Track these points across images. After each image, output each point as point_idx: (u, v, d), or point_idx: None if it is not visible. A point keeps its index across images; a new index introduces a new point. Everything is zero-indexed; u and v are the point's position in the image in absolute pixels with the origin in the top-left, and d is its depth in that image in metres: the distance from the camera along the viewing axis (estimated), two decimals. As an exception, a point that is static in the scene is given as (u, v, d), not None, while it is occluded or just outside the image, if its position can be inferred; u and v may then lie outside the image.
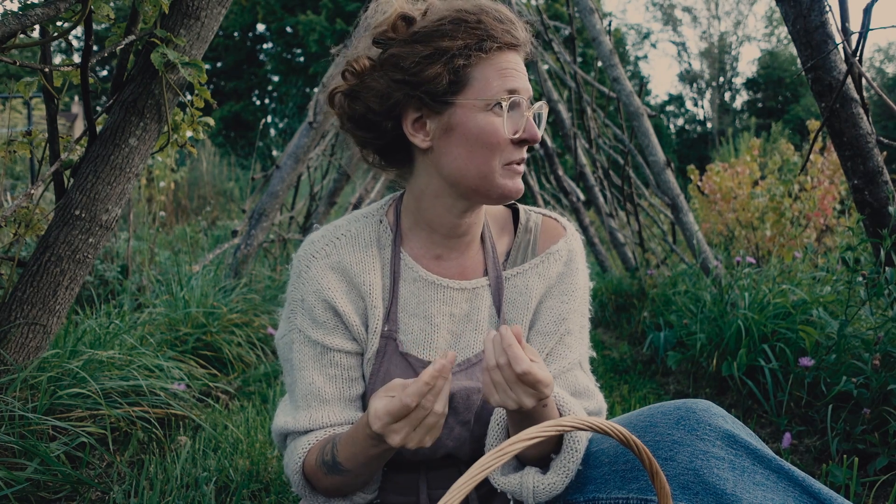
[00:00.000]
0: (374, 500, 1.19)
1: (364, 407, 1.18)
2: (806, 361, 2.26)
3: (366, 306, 1.16)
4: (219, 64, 24.60)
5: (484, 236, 1.23)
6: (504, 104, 1.06)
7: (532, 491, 1.05)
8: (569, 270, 1.22)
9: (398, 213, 1.22)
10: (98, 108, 2.10)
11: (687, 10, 38.50)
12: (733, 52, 33.17)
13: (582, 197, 5.86)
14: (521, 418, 1.01)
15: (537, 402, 0.94)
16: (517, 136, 1.07)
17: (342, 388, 1.15)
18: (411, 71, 1.06)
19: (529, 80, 1.15)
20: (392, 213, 1.22)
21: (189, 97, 2.12)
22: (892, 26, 1.91)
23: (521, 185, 1.12)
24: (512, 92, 1.07)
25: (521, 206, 1.29)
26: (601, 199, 5.72)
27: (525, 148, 1.10)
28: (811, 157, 5.14)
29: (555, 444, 1.08)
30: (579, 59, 5.21)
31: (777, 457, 0.95)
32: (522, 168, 1.11)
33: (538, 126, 1.11)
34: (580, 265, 1.23)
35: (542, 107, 1.12)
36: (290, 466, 1.14)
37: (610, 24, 4.81)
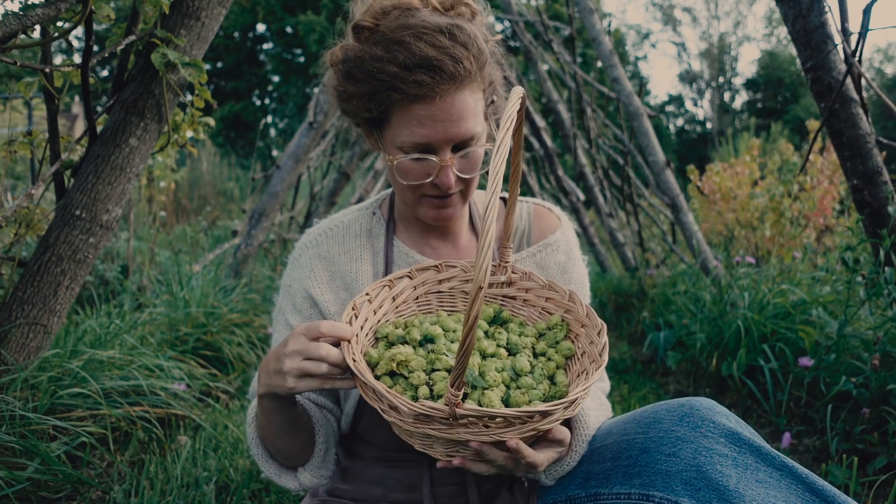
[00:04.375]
0: (325, 486, 1.22)
1: (324, 395, 1.22)
2: (805, 361, 2.26)
3: (351, 294, 1.21)
4: (219, 64, 24.58)
5: (474, 224, 1.27)
6: (408, 157, 1.05)
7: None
8: (570, 260, 1.27)
9: (392, 204, 1.27)
10: (98, 109, 2.10)
11: (687, 10, 38.51)
12: (733, 53, 33.16)
13: (582, 197, 5.86)
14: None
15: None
16: (427, 181, 1.07)
17: None
18: (340, 99, 1.09)
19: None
20: (386, 205, 1.28)
21: (189, 97, 2.12)
22: (892, 26, 1.92)
23: (447, 214, 1.13)
24: (419, 146, 1.03)
25: None
26: (601, 200, 5.72)
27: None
28: (811, 157, 5.14)
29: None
30: (579, 60, 5.21)
31: (781, 454, 0.95)
32: (446, 201, 1.11)
33: (470, 160, 1.07)
34: (578, 254, 1.30)
35: (470, 152, 1.06)
36: (247, 423, 1.19)
37: (610, 25, 4.82)
